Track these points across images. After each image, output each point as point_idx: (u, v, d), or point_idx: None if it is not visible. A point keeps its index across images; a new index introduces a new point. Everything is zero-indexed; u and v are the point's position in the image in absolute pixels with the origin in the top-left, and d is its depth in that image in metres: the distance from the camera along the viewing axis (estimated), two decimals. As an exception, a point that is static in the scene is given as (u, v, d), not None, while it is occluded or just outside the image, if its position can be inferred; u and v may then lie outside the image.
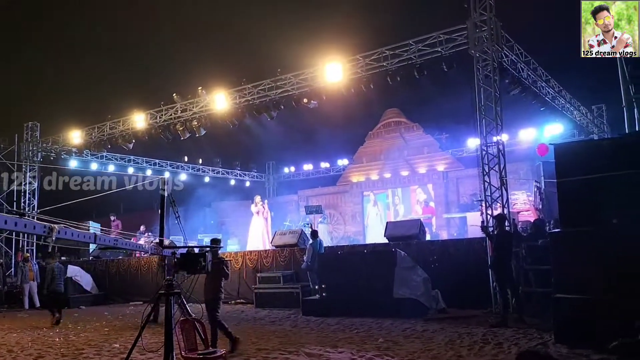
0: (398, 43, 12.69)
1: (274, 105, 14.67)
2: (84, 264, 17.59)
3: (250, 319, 11.01)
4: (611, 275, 6.49)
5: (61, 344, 8.96)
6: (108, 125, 17.52)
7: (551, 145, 7.78)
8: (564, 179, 7.36)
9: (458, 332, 8.11)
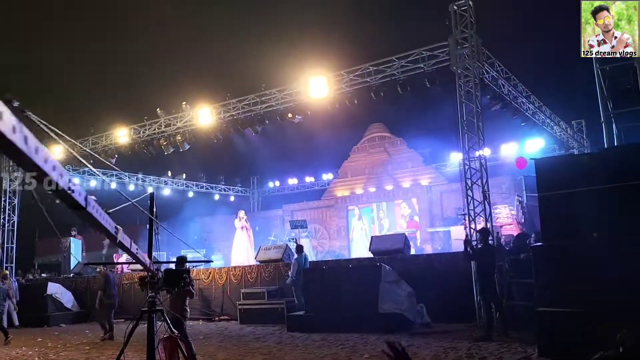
0: (381, 59, 12.85)
1: (259, 120, 14.70)
2: (65, 281, 17.29)
3: (235, 336, 10.90)
4: (592, 288, 6.56)
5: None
6: (90, 140, 17.39)
7: (531, 159, 7.88)
8: (545, 193, 7.47)
9: (443, 347, 8.12)
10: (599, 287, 6.49)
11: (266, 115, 14.61)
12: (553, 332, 6.80)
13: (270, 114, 14.54)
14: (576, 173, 7.25)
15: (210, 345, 9.80)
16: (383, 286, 10.29)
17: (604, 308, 6.36)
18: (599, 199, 6.82)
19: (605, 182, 6.89)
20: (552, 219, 7.32)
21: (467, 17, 11.20)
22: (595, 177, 7.01)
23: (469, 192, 10.92)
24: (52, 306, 15.33)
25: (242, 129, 15.11)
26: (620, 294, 6.25)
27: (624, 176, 6.82)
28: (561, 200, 7.17)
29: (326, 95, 13.48)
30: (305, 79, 13.87)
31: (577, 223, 6.93)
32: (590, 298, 6.53)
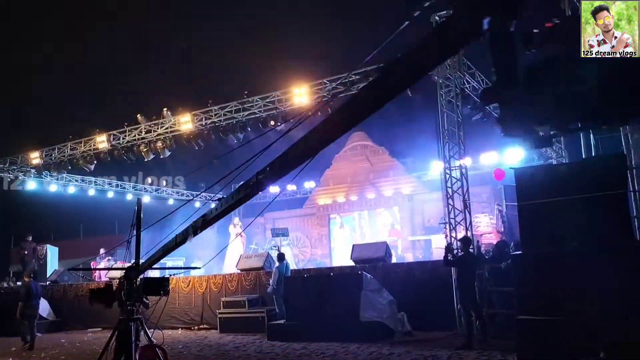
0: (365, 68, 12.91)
1: (241, 127, 14.65)
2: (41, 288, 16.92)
3: (214, 345, 10.76)
4: (572, 296, 6.64)
5: (13, 374, 8.55)
6: (69, 146, 17.11)
7: (511, 169, 7.98)
8: (524, 202, 7.56)
9: (423, 355, 8.13)
10: (578, 296, 6.57)
11: (248, 123, 14.57)
12: (533, 340, 6.85)
13: (253, 121, 14.50)
14: (555, 183, 7.37)
15: (189, 354, 9.67)
16: (364, 294, 10.28)
17: (584, 316, 6.44)
18: (577, 208, 6.92)
19: (582, 191, 7.01)
20: (532, 227, 7.41)
21: (449, 27, 11.31)
22: (573, 187, 7.13)
23: (449, 200, 10.99)
24: (27, 315, 14.94)
25: (224, 136, 15.03)
26: (599, 302, 6.33)
27: (601, 186, 6.94)
28: (540, 210, 7.27)
29: (308, 103, 13.50)
30: (288, 87, 13.88)
31: (556, 232, 7.03)
32: (570, 306, 6.61)
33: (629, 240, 6.95)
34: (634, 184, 9.14)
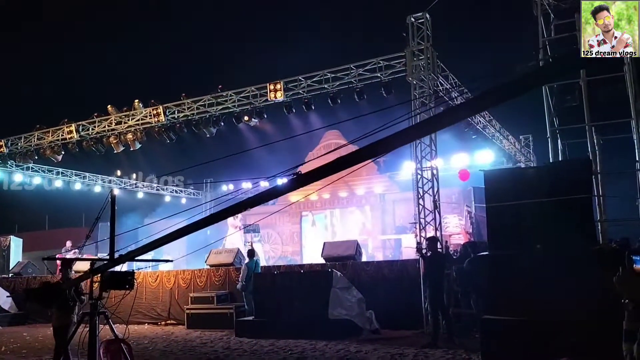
0: (340, 66, 12.95)
1: (214, 121, 14.51)
2: (2, 281, 16.47)
3: (181, 341, 10.65)
4: (536, 297, 6.78)
5: (-29, 368, 8.30)
6: (36, 135, 16.66)
7: (481, 171, 8.12)
8: (493, 204, 7.70)
9: (390, 353, 8.20)
10: (541, 297, 6.72)
11: (222, 117, 14.44)
12: (497, 339, 6.98)
13: (226, 116, 14.39)
14: (522, 185, 7.52)
15: (154, 350, 9.54)
16: (334, 292, 10.31)
17: (547, 317, 6.59)
18: (543, 211, 7.08)
19: (549, 195, 7.17)
20: (499, 229, 7.54)
21: (424, 29, 11.44)
22: (539, 190, 7.29)
23: (420, 201, 11.11)
24: (-12, 307, 14.57)
25: (197, 130, 14.86)
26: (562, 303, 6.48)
27: (567, 190, 7.11)
28: (508, 211, 7.41)
29: (283, 99, 13.46)
30: (262, 82, 13.82)
31: (522, 234, 7.18)
32: (534, 307, 6.74)
33: (591, 244, 7.14)
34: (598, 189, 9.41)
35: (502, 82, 2.70)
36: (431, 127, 3.03)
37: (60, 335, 6.92)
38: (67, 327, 6.90)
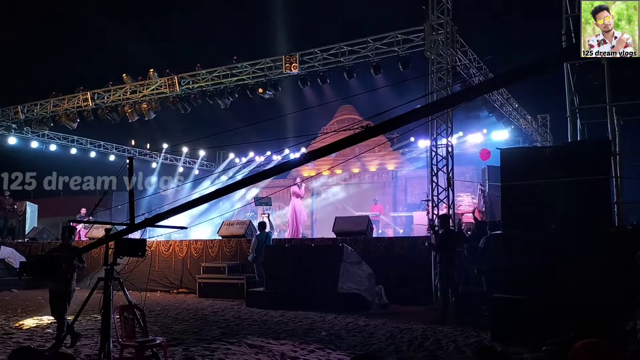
0: (356, 39, 12.76)
1: (229, 93, 14.45)
2: (19, 245, 16.78)
3: (193, 309, 10.81)
4: (547, 277, 6.76)
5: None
6: (52, 102, 16.72)
7: (497, 149, 8.01)
8: (508, 183, 7.61)
9: (399, 328, 8.26)
10: (553, 277, 6.70)
11: (236, 89, 14.38)
12: (507, 318, 6.99)
13: (241, 87, 14.31)
14: (539, 165, 7.41)
15: (167, 317, 9.71)
16: (344, 266, 10.36)
17: (558, 298, 6.57)
18: (558, 192, 7.00)
19: (565, 175, 7.07)
20: (513, 208, 7.47)
21: (444, 3, 11.20)
22: (556, 170, 7.18)
23: (434, 178, 11.04)
24: (4, 270, 14.87)
25: (211, 101, 14.82)
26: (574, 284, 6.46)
27: (584, 170, 7.01)
28: (523, 191, 7.33)
29: (298, 72, 13.34)
30: (278, 55, 13.70)
31: (536, 214, 7.11)
32: (545, 287, 6.73)
33: (606, 226, 7.06)
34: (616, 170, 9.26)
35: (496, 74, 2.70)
36: (441, 106, 3.01)
37: (56, 301, 6.97)
38: (65, 294, 6.96)
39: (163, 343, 5.72)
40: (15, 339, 7.59)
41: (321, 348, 6.85)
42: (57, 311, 6.95)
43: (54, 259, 5.93)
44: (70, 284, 7.03)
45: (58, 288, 6.97)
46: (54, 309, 7.01)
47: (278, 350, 6.73)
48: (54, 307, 7.00)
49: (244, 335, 7.74)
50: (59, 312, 6.93)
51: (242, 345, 7.01)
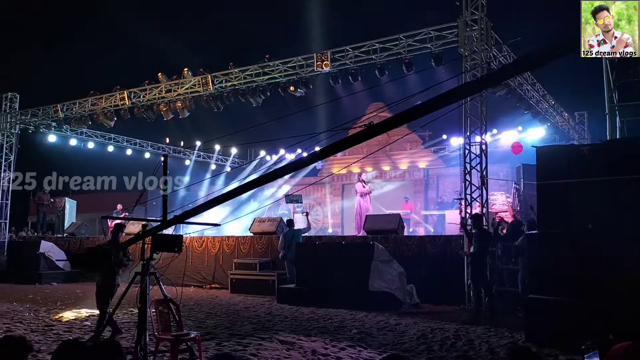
0: (388, 37, 12.68)
1: (261, 91, 14.56)
2: (58, 240, 17.32)
3: (225, 304, 10.97)
4: (583, 278, 6.61)
5: (31, 320, 8.83)
6: (90, 101, 17.16)
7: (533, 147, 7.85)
8: (544, 182, 7.46)
9: (430, 327, 8.20)
10: (590, 278, 6.54)
11: (268, 87, 14.47)
12: (541, 319, 6.87)
13: (273, 86, 14.40)
14: (576, 163, 7.23)
15: (200, 312, 9.88)
16: (375, 265, 10.34)
17: (595, 299, 6.42)
18: (597, 191, 6.82)
19: (603, 174, 6.89)
20: (549, 207, 7.32)
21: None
22: (594, 169, 7.00)
23: (467, 176, 10.90)
24: (44, 264, 15.37)
25: (243, 100, 14.96)
26: (611, 286, 6.29)
27: (624, 169, 6.81)
28: (560, 190, 7.17)
29: (329, 70, 13.34)
30: (309, 53, 13.73)
31: (573, 213, 6.95)
32: (582, 288, 6.58)
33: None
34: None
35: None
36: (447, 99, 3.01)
37: (102, 294, 7.20)
38: (111, 288, 7.17)
39: (197, 337, 5.83)
40: (55, 331, 7.85)
41: (352, 346, 6.86)
42: (101, 304, 7.17)
43: (102, 252, 6.14)
44: (116, 278, 7.26)
45: (104, 281, 7.20)
46: (98, 301, 7.25)
47: (309, 347, 6.77)
48: (98, 299, 7.24)
49: (275, 331, 7.82)
50: (102, 304, 7.15)
51: (273, 341, 7.08)
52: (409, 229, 17.64)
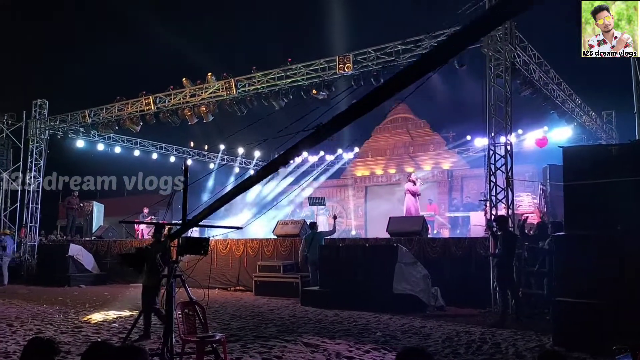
0: (411, 38, 12.62)
1: (283, 94, 14.63)
2: (86, 243, 17.67)
3: (249, 306, 11.05)
4: (613, 280, 6.47)
5: (61, 321, 9.03)
6: (116, 107, 17.48)
7: (560, 147, 7.72)
8: (571, 183, 7.33)
9: (456, 330, 8.12)
10: (620, 281, 6.41)
11: (290, 90, 14.54)
12: (570, 322, 6.75)
13: (295, 89, 14.46)
14: (604, 164, 7.09)
15: (225, 314, 9.97)
16: (398, 267, 10.29)
17: (624, 303, 6.28)
18: (626, 191, 6.68)
19: (633, 174, 6.74)
20: (577, 208, 7.20)
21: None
22: (623, 169, 6.86)
23: (492, 177, 10.77)
24: (73, 267, 15.69)
25: (266, 103, 15.05)
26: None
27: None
28: (587, 190, 7.05)
29: (351, 72, 13.34)
30: (331, 55, 13.75)
31: (602, 214, 6.81)
32: (611, 291, 6.45)
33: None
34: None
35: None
36: None
37: (147, 294, 7.48)
38: (155, 288, 7.41)
39: (222, 339, 5.89)
40: (84, 332, 8.01)
41: (376, 349, 6.84)
42: (146, 303, 7.43)
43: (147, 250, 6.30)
44: (161, 279, 7.45)
45: (150, 281, 7.45)
46: (143, 301, 7.50)
47: (333, 350, 6.78)
48: (143, 299, 7.51)
49: (299, 334, 7.84)
50: (147, 304, 7.40)
51: (298, 344, 7.11)
52: (433, 231, 17.50)
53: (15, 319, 9.12)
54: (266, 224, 18.54)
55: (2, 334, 7.75)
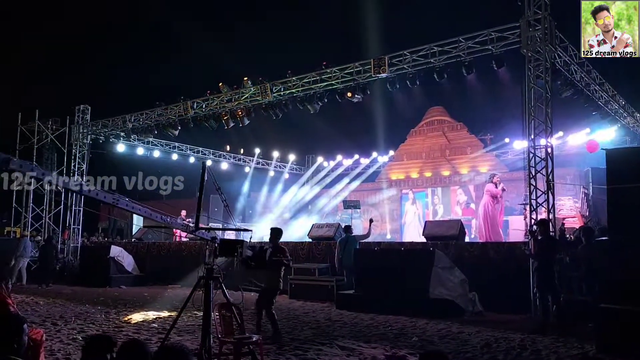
0: (447, 39, 12.48)
1: (318, 98, 14.68)
2: (127, 245, 18.11)
3: (284, 309, 11.09)
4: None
5: (102, 321, 9.28)
6: (156, 112, 17.90)
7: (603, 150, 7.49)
8: (615, 186, 7.10)
9: (495, 336, 7.96)
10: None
11: (325, 94, 14.57)
12: (615, 330, 6.52)
13: (330, 92, 14.48)
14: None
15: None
16: (435, 271, 10.17)
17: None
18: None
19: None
20: (622, 212, 6.95)
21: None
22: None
23: (532, 181, 10.53)
24: (114, 268, 16.09)
25: (301, 107, 15.14)
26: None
27: None
28: (632, 194, 6.80)
29: (387, 75, 13.28)
30: (366, 58, 13.72)
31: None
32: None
33: None
34: None
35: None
36: None
37: (267, 296, 7.82)
38: (275, 291, 7.82)
39: (259, 341, 5.94)
40: (125, 332, 8.21)
41: (412, 354, 6.76)
42: (264, 304, 7.82)
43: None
44: (280, 281, 7.88)
45: (270, 283, 7.85)
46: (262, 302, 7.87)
47: (369, 354, 6.74)
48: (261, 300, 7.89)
49: (334, 337, 7.83)
50: (265, 304, 7.80)
51: (333, 347, 7.10)
52: (471, 235, 17.22)
53: (59, 318, 9.43)
54: (301, 226, 18.65)
55: (47, 333, 8.01)
